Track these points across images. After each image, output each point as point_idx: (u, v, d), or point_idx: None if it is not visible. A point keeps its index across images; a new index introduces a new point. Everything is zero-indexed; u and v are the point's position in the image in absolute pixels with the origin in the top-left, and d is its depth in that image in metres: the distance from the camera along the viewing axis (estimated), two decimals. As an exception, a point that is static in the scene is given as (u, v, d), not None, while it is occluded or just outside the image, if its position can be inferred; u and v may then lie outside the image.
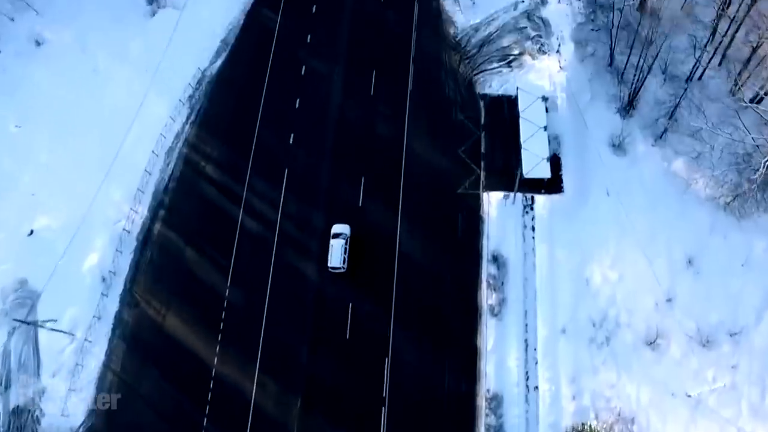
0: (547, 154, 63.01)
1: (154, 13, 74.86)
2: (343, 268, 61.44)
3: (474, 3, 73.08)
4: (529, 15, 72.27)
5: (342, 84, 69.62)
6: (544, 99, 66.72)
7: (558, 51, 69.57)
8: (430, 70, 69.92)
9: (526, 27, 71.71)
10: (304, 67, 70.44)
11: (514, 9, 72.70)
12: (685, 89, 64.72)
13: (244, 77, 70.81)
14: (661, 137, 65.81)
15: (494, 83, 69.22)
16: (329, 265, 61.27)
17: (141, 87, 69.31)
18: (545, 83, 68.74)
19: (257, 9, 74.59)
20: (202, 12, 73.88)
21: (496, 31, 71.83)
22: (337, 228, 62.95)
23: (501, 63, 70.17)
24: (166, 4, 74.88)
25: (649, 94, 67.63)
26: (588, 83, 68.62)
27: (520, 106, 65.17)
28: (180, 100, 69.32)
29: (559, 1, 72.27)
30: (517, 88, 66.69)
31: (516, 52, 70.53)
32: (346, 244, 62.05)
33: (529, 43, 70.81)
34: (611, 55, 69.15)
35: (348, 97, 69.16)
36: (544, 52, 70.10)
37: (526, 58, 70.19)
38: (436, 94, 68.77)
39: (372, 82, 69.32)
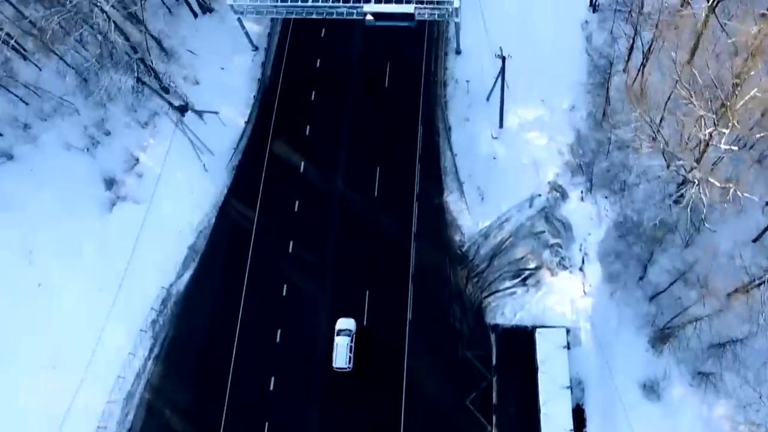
0: (570, 426, 54.03)
1: (113, 205, 64.63)
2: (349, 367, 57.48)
3: (483, 198, 63.14)
4: (546, 215, 62.38)
5: (330, 310, 59.58)
6: (567, 331, 57.80)
7: (581, 269, 60.21)
8: (431, 292, 59.95)
9: (543, 231, 61.84)
10: (285, 285, 60.79)
11: (530, 206, 62.83)
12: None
13: (216, 297, 60.84)
14: (700, 374, 57.09)
15: (507, 309, 59.46)
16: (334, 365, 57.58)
17: (95, 311, 59.48)
18: (566, 309, 59.10)
19: (230, 204, 64.25)
20: (167, 208, 63.58)
21: (509, 238, 62.01)
22: (341, 323, 58.85)
23: (515, 281, 60.34)
24: (126, 196, 64.63)
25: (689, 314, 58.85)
26: (616, 308, 59.29)
27: (539, 356, 55.66)
28: (141, 329, 59.54)
29: (582, 199, 62.55)
30: (534, 330, 57.64)
31: (532, 265, 60.81)
32: (351, 341, 58.00)
33: (547, 254, 60.97)
34: (644, 267, 60.07)
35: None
36: (565, 267, 60.46)
37: (545, 273, 60.41)
38: (438, 325, 58.85)
39: (365, 308, 59.89)
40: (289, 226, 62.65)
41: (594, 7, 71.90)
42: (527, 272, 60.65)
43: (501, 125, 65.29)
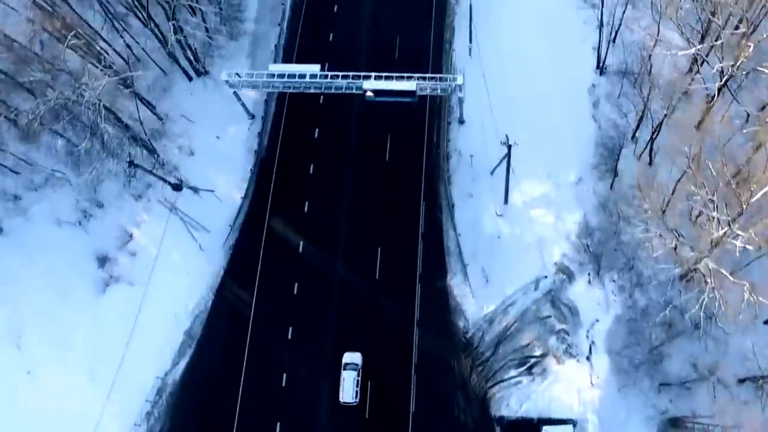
0: None
1: (106, 286, 62.31)
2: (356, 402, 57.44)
3: (487, 281, 61.31)
4: (553, 299, 60.56)
5: (331, 402, 57.51)
6: (573, 425, 56.28)
7: (588, 358, 58.58)
8: (435, 381, 58.21)
9: (549, 316, 60.06)
10: (285, 375, 58.96)
11: (535, 288, 61.00)
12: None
13: (212, 386, 58.83)
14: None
15: (512, 400, 57.66)
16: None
17: (87, 402, 57.14)
18: (573, 400, 57.38)
19: (227, 286, 62.18)
20: (161, 290, 61.31)
21: (514, 323, 60.19)
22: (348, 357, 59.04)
23: (521, 369, 58.58)
24: (120, 277, 62.36)
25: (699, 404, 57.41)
26: (624, 399, 57.61)
27: (546, 464, 54.29)
28: (136, 423, 57.49)
29: (589, 282, 60.78)
30: (540, 423, 56.01)
31: (538, 353, 59.08)
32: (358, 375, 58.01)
33: (553, 341, 59.23)
34: (653, 356, 58.46)
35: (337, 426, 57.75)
36: (572, 355, 58.76)
37: (551, 361, 58.74)
38: (442, 417, 57.30)
39: (367, 399, 58.24)
40: (289, 310, 60.71)
41: (601, 69, 69.85)
42: (533, 360, 58.98)
43: (506, 201, 63.45)
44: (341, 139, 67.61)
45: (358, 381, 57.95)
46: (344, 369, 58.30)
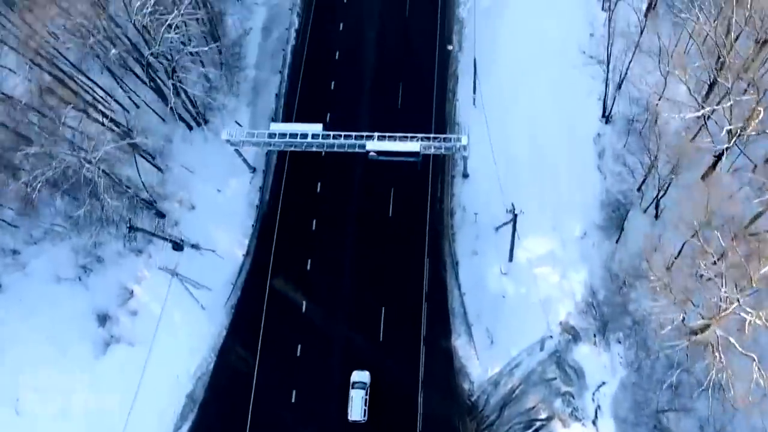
0: None
1: (106, 346, 61.60)
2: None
3: (492, 342, 60.71)
4: (558, 360, 59.94)
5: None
6: (579, 494, 55.94)
7: (594, 422, 57.99)
8: (439, 445, 58.42)
9: (555, 378, 59.48)
10: (289, 435, 58.89)
11: (541, 349, 60.33)
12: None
13: (216, 456, 58.92)
14: None
15: (519, 467, 57.87)
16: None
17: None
18: (579, 465, 57.68)
19: (230, 347, 61.53)
20: (163, 351, 60.46)
21: (519, 385, 59.64)
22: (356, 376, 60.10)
23: (526, 433, 58.83)
24: (121, 337, 61.70)
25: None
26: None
27: None
28: (137, 496, 57.53)
29: (594, 343, 60.25)
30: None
31: (544, 416, 58.45)
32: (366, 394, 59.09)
33: (558, 403, 58.64)
34: (659, 420, 57.99)
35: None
36: (578, 419, 58.24)
37: (556, 424, 58.14)
38: (449, 482, 57.34)
39: (371, 465, 57.83)
40: (292, 373, 60.05)
41: (607, 118, 69.06)
42: (538, 423, 58.40)
43: (510, 259, 62.75)
44: (344, 194, 66.90)
45: (366, 399, 58.70)
46: (352, 387, 58.90)
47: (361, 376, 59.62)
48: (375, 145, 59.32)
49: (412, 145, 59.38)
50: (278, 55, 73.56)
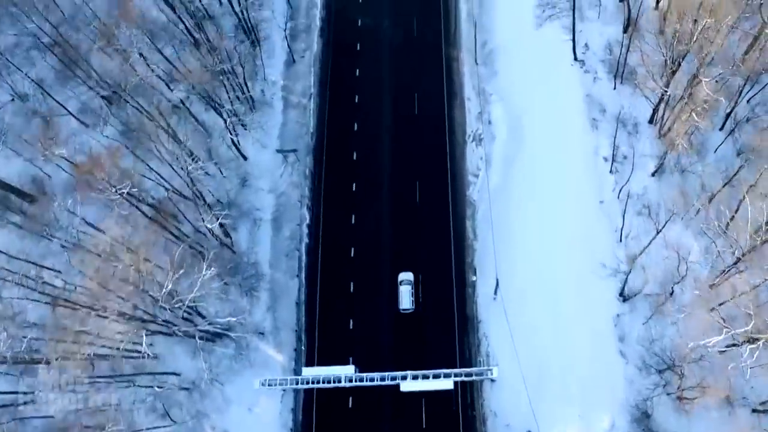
0: None
1: None
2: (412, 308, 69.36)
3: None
4: None
5: None
6: None
7: None
8: None
9: None
10: None
11: None
12: None
13: None
14: None
15: None
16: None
17: None
18: None
19: None
20: None
21: None
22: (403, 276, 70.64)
23: None
24: None
25: None
26: None
27: None
28: None
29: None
30: None
31: None
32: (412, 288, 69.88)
33: None
34: None
35: None
36: None
37: None
38: None
39: None
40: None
41: (624, 297, 69.81)
42: None
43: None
44: (373, 413, 66.87)
45: (412, 292, 69.44)
46: (400, 284, 69.58)
47: (406, 275, 70.35)
48: (410, 385, 59.95)
49: (445, 383, 59.93)
50: (293, 256, 72.83)
